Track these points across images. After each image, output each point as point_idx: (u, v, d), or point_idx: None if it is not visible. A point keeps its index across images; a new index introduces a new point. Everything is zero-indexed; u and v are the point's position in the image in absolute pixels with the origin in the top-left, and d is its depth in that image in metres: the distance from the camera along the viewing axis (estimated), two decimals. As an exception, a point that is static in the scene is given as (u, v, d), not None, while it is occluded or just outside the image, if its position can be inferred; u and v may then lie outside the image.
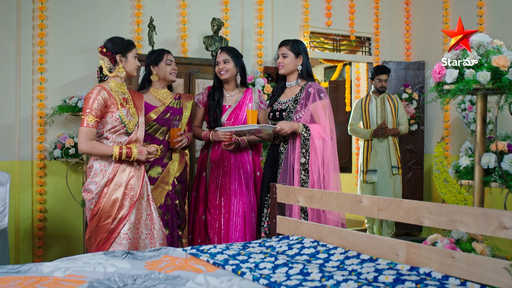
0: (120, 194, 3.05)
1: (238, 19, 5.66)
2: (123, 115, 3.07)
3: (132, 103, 3.20)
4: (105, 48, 3.08)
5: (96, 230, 3.05)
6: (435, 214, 2.14)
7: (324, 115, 3.32)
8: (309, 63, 3.52)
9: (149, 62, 3.70)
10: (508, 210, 1.86)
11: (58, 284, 2.06)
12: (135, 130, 3.16)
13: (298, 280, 2.08)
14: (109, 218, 3.02)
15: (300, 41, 3.54)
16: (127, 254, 2.53)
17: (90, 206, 3.06)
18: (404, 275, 2.09)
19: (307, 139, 3.28)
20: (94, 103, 2.99)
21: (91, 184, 3.07)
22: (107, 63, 3.09)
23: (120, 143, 3.10)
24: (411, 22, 6.60)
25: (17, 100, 4.75)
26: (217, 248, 2.63)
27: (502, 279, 1.88)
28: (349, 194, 2.58)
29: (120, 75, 3.12)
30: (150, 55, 3.74)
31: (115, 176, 3.06)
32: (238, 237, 3.72)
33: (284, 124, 3.32)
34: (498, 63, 2.30)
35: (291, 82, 3.52)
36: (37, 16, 4.80)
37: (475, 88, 2.35)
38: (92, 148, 3.01)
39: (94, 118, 2.98)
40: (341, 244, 2.59)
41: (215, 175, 3.82)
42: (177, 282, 2.05)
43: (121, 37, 3.15)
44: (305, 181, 3.25)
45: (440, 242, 2.34)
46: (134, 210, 3.11)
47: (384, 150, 5.41)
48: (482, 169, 2.58)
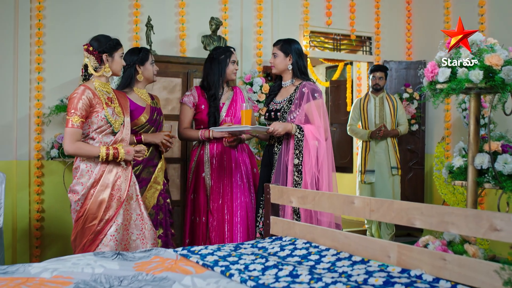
0: (107, 195, 3.00)
1: (237, 19, 5.63)
2: (108, 115, 3.02)
3: (117, 102, 3.16)
4: (92, 47, 3.03)
5: (82, 231, 2.99)
6: (426, 215, 2.10)
7: (318, 115, 3.29)
8: (302, 62, 3.47)
9: (135, 61, 3.61)
10: (500, 212, 1.82)
11: (44, 285, 2.04)
12: (121, 129, 3.11)
13: (287, 282, 2.05)
14: (96, 219, 2.97)
15: (292, 41, 3.52)
16: (117, 255, 2.51)
17: (76, 207, 3.01)
18: (395, 277, 2.05)
19: (300, 140, 3.25)
20: (79, 103, 2.93)
21: (77, 185, 3.01)
22: (93, 62, 3.04)
23: (107, 143, 3.04)
24: (412, 21, 6.55)
25: (15, 99, 4.74)
26: (208, 249, 2.60)
27: (493, 281, 1.84)
28: (341, 195, 2.54)
29: (106, 74, 3.08)
30: (134, 54, 3.64)
31: (102, 177, 3.01)
32: (241, 237, 3.69)
33: (277, 125, 3.29)
34: (491, 61, 2.26)
35: (286, 82, 3.50)
36: (34, 16, 4.78)
37: (468, 87, 2.32)
38: (78, 149, 2.95)
39: (80, 118, 2.93)
40: (334, 246, 2.56)
41: (216, 174, 3.78)
42: (164, 284, 2.03)
43: (108, 36, 3.10)
44: (298, 182, 3.22)
45: (431, 244, 2.30)
46: (122, 211, 3.06)
47: (382, 150, 5.37)
48: (476, 170, 2.54)
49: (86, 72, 3.08)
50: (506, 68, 2.25)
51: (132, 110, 3.49)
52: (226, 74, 3.82)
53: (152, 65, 3.68)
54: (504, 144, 2.56)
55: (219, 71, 3.82)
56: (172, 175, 4.82)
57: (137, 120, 3.54)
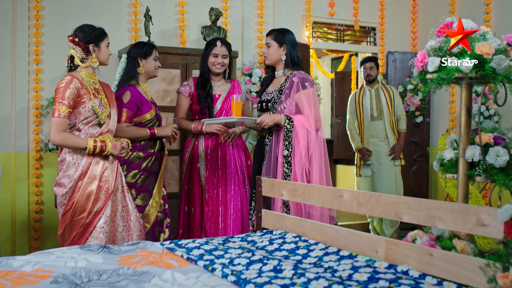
0: (95, 187, 2.96)
1: (238, 9, 5.56)
2: (96, 106, 2.98)
3: (104, 93, 3.11)
4: (77, 38, 2.99)
5: (71, 225, 2.96)
6: (414, 209, 2.04)
7: (308, 105, 3.21)
8: (295, 52, 3.40)
9: (137, 54, 3.60)
10: (487, 207, 1.76)
11: (23, 278, 2.02)
12: (107, 121, 3.07)
13: (269, 277, 2.00)
14: (84, 212, 2.94)
15: (286, 31, 3.45)
16: (103, 248, 2.48)
17: (64, 200, 2.97)
18: (380, 273, 1.99)
19: (290, 131, 3.18)
20: (66, 92, 2.88)
21: (63, 178, 2.97)
22: (79, 53, 3.00)
23: (93, 135, 3.00)
24: (418, 11, 6.42)
25: (13, 91, 4.72)
26: (195, 243, 2.56)
27: (479, 278, 1.78)
28: (331, 188, 2.49)
29: (93, 65, 3.03)
30: (138, 47, 3.64)
31: (89, 169, 2.97)
32: (235, 228, 3.68)
33: (265, 117, 3.23)
34: (481, 50, 2.17)
35: (279, 72, 3.43)
36: (33, 7, 4.75)
37: (458, 77, 2.24)
38: (65, 140, 2.90)
39: (67, 108, 2.88)
40: (323, 240, 2.51)
41: (211, 165, 3.79)
42: (143, 278, 1.99)
43: (92, 25, 3.05)
44: (288, 174, 3.15)
45: (419, 239, 2.24)
46: (110, 202, 3.03)
47: (382, 142, 5.27)
48: (467, 163, 2.46)
49: (72, 64, 3.03)
50: (497, 57, 2.16)
51: (143, 104, 3.51)
52: (208, 66, 3.82)
53: (155, 60, 3.66)
54: (497, 136, 2.47)
55: (203, 62, 3.87)
56: (171, 167, 4.79)
57: (147, 114, 3.53)
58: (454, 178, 2.54)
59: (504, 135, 2.56)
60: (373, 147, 5.28)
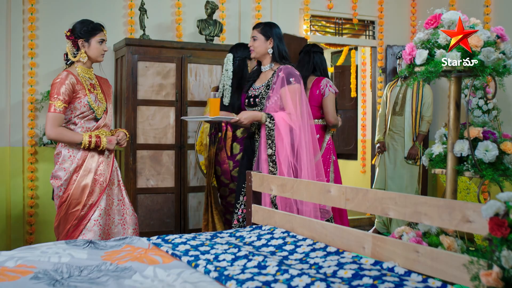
0: (90, 180, 3.00)
1: (235, 2, 5.51)
2: (91, 101, 3.02)
3: (100, 89, 3.13)
4: (69, 32, 3.03)
5: (65, 217, 3.00)
6: (400, 205, 2.00)
7: (292, 101, 3.11)
8: (283, 46, 3.32)
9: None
10: (473, 202, 1.72)
11: (4, 274, 1.99)
12: (103, 116, 3.11)
13: (252, 273, 1.97)
14: (79, 204, 2.98)
15: (273, 24, 3.39)
16: (88, 243, 2.46)
17: (59, 193, 3.02)
18: (365, 270, 1.96)
19: (271, 129, 3.10)
20: (62, 88, 2.92)
21: (59, 171, 3.02)
22: (70, 48, 3.03)
23: (89, 129, 3.04)
24: (417, 4, 6.35)
25: (8, 85, 4.70)
26: (182, 238, 2.54)
27: (464, 276, 1.74)
28: (318, 183, 2.45)
29: (83, 60, 3.06)
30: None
31: (85, 162, 3.02)
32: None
33: (244, 115, 3.13)
34: (470, 42, 2.13)
35: (265, 66, 3.36)
36: (27, 0, 4.72)
37: (446, 70, 2.19)
38: (60, 134, 2.95)
39: (62, 103, 2.92)
40: (311, 235, 2.48)
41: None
42: (124, 275, 1.96)
43: (88, 20, 3.06)
44: (274, 173, 3.09)
45: (406, 235, 2.20)
46: (105, 196, 3.07)
47: (401, 139, 5.29)
48: (455, 157, 2.42)
49: (68, 58, 3.06)
50: (485, 49, 2.11)
51: None
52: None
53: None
54: (486, 131, 2.42)
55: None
56: (166, 162, 4.76)
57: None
58: (443, 173, 2.50)
59: (495, 129, 2.51)
60: (390, 140, 5.34)
